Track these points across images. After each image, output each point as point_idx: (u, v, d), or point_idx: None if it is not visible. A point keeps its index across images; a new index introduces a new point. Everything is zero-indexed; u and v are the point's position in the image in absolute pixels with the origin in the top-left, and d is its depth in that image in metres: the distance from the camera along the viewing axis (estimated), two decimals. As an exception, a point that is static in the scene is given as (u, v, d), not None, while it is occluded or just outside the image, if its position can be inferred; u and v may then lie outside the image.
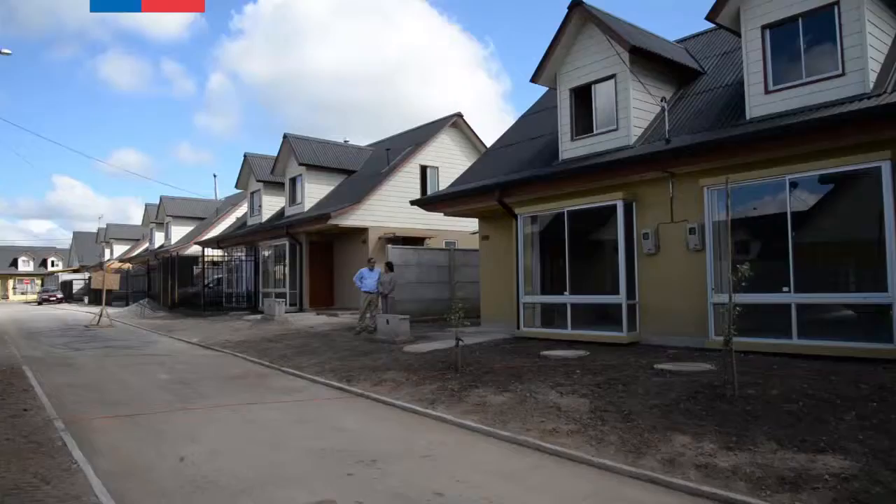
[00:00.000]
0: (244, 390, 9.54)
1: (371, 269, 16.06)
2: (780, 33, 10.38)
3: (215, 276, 30.13)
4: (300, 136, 25.94)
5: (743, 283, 6.97)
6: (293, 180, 25.70)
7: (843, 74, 9.50)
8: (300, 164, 24.70)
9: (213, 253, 30.27)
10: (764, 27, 10.48)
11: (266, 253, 25.88)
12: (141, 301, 31.61)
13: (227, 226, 36.29)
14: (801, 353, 8.88)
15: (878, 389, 6.78)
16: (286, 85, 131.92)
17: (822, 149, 9.04)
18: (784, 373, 7.86)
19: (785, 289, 9.23)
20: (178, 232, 40.97)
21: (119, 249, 55.30)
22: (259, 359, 12.64)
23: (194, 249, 33.46)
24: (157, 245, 43.15)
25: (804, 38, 10.12)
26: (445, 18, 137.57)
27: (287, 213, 25.74)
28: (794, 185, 9.44)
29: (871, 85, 9.23)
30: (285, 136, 25.27)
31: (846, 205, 10.01)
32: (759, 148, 9.57)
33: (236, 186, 30.40)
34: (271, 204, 27.79)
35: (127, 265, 42.95)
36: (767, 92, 10.37)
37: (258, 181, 27.62)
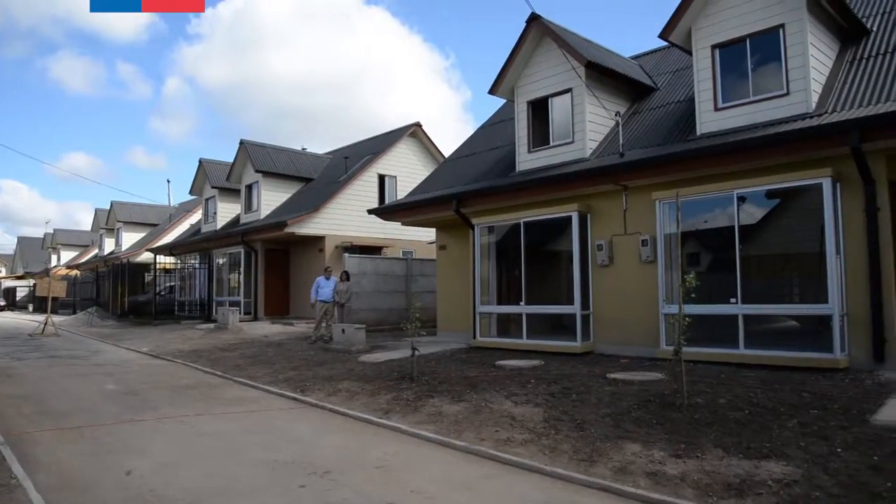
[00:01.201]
0: (195, 401, 9.36)
1: (327, 278, 15.97)
2: (729, 53, 10.73)
3: (168, 284, 29.49)
4: (257, 143, 25.67)
5: (692, 295, 7.17)
6: (249, 187, 25.38)
7: (787, 94, 9.87)
8: (257, 171, 24.42)
9: (166, 260, 29.62)
10: (714, 46, 10.82)
11: (221, 261, 25.46)
12: (89, 309, 30.67)
13: (180, 232, 35.56)
14: (748, 362, 9.14)
15: (819, 398, 7.03)
16: (244, 90, 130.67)
17: (767, 165, 9.37)
18: (731, 382, 8.08)
19: (732, 300, 9.50)
20: (130, 238, 39.95)
21: (67, 255, 53.58)
22: (211, 369, 12.42)
23: (146, 256, 32.68)
24: (107, 251, 41.95)
25: (752, 58, 10.48)
26: (407, 28, 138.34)
27: (243, 221, 25.39)
28: (741, 199, 9.74)
29: (814, 105, 9.61)
30: (242, 143, 24.98)
31: (791, 219, 10.37)
32: (708, 163, 9.86)
33: (191, 192, 29.85)
34: (226, 211, 27.36)
35: (75, 272, 41.67)
36: (717, 109, 10.70)
37: (213, 187, 27.18)
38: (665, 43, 12.08)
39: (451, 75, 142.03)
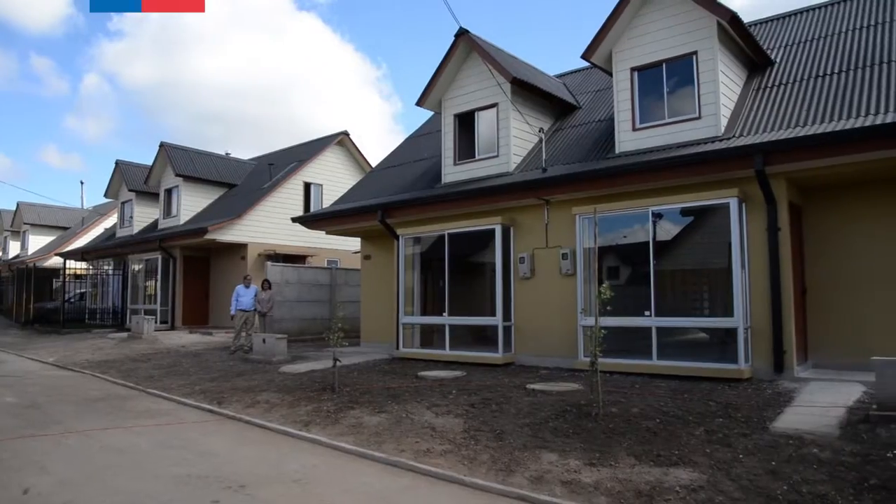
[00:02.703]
0: (104, 414, 8.95)
1: (247, 287, 15.61)
2: (647, 76, 11.21)
3: (78, 291, 28.12)
4: (178, 146, 24.88)
5: (608, 308, 7.41)
6: (169, 191, 24.56)
7: (699, 118, 10.39)
8: (177, 175, 23.66)
9: (77, 265, 28.25)
10: (633, 69, 11.27)
11: (136, 267, 24.49)
12: (-11, 317, 28.89)
13: (93, 237, 34.00)
14: (661, 372, 9.51)
15: (724, 406, 7.39)
16: (169, 92, 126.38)
17: (680, 184, 9.82)
18: (644, 391, 8.40)
19: (647, 313, 9.88)
20: (38, 241, 37.88)
21: (-36, 259, 50.29)
22: (123, 380, 11.90)
23: (55, 261, 31.08)
24: (11, 255, 39.63)
25: (668, 82, 10.98)
26: (339, 37, 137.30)
27: (161, 226, 24.52)
28: (657, 216, 10.16)
29: (723, 129, 10.16)
30: (162, 145, 24.16)
31: (702, 236, 10.88)
32: (626, 181, 10.25)
33: (106, 195, 28.61)
34: (144, 215, 26.35)
35: (-27, 277, 39.09)
36: (635, 129, 11.14)
37: (130, 190, 26.13)
38: (588, 63, 12.48)
39: (382, 85, 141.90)
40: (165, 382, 11.34)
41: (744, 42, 11.03)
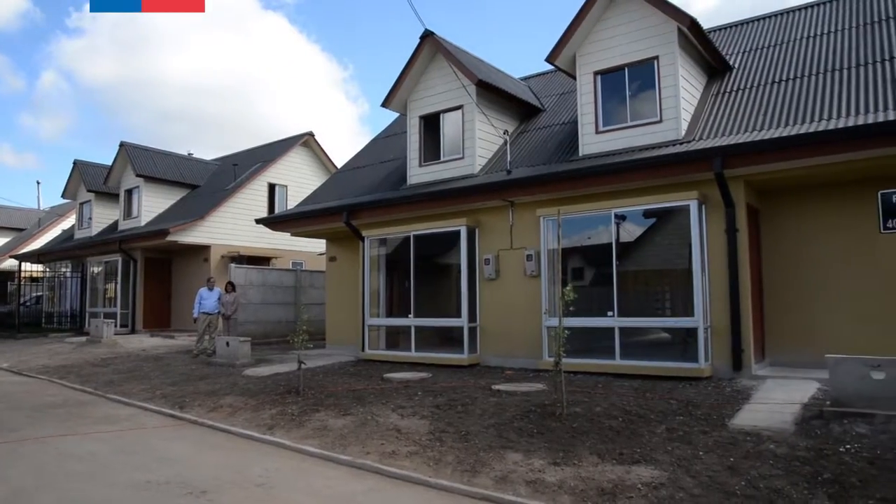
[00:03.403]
0: (61, 421, 8.73)
1: (210, 289, 15.40)
2: (610, 79, 11.37)
3: (34, 294, 27.37)
4: (138, 145, 24.43)
5: (571, 308, 7.49)
6: (129, 192, 24.09)
7: (660, 121, 10.58)
8: (138, 175, 23.23)
9: (33, 268, 27.51)
10: (596, 73, 11.43)
11: (96, 269, 23.97)
12: (-62, 322, 27.93)
13: (50, 238, 33.14)
14: (624, 372, 9.65)
15: (685, 404, 7.53)
16: (130, 90, 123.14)
17: (642, 186, 9.98)
18: (608, 391, 8.51)
19: (610, 313, 10.02)
20: (-10, 244, 36.78)
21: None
22: (81, 385, 11.63)
23: (10, 263, 30.23)
24: (-39, 258, 38.40)
25: (630, 86, 11.16)
26: (305, 37, 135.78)
27: (121, 227, 24.03)
28: (620, 217, 10.31)
29: (684, 132, 10.36)
30: (122, 144, 23.69)
31: (664, 237, 11.07)
32: (589, 183, 10.38)
33: (63, 196, 27.92)
34: (103, 216, 25.79)
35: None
36: (598, 132, 11.29)
37: (89, 191, 25.57)
38: (552, 66, 12.61)
39: (349, 87, 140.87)
40: (126, 387, 11.11)
41: (703, 48, 11.27)
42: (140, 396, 10.29)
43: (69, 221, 31.82)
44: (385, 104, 14.12)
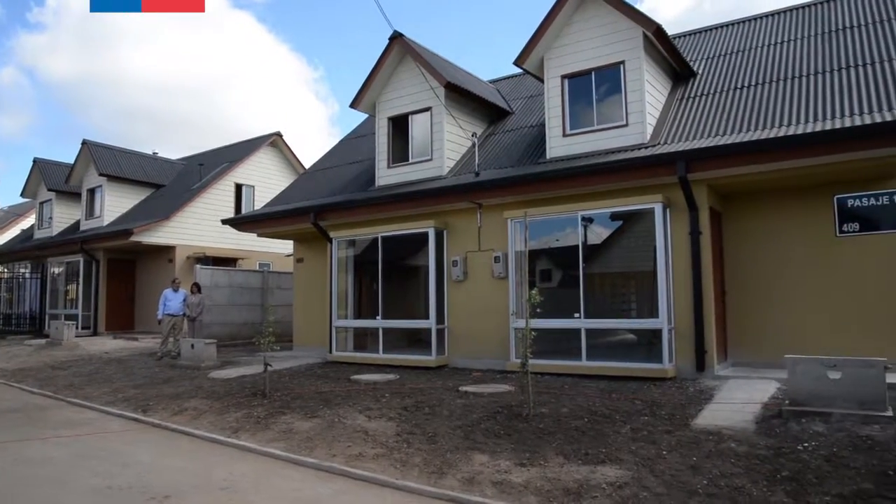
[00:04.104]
0: (19, 425, 8.50)
1: (175, 291, 15.15)
2: (577, 83, 11.49)
3: (-10, 296, 26.63)
4: (102, 144, 23.98)
5: (538, 310, 7.55)
6: (92, 191, 23.61)
7: (626, 125, 10.72)
8: (101, 175, 22.79)
9: (-10, 269, 26.77)
10: (564, 76, 11.53)
11: (56, 270, 23.43)
12: None
13: (9, 238, 32.30)
14: (590, 373, 9.75)
15: (649, 405, 7.64)
16: (94, 88, 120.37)
17: (609, 189, 10.11)
18: (574, 392, 8.59)
19: (576, 315, 10.11)
20: (-56, 244, 35.70)
21: None
22: (40, 389, 11.34)
23: (-36, 264, 29.36)
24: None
25: (597, 90, 11.29)
26: (274, 36, 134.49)
27: (83, 227, 23.53)
28: (587, 220, 10.41)
29: (649, 136, 10.52)
30: (84, 143, 23.23)
31: (630, 240, 11.21)
32: (556, 186, 10.46)
33: (22, 195, 27.28)
34: (65, 216, 25.25)
35: None
36: (565, 135, 11.39)
37: (50, 190, 25.01)
38: (520, 70, 12.70)
39: (319, 87, 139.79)
40: (87, 391, 10.88)
41: (668, 53, 11.45)
42: (102, 400, 10.08)
43: (29, 221, 31.07)
44: (354, 105, 14.06)
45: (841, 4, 12.73)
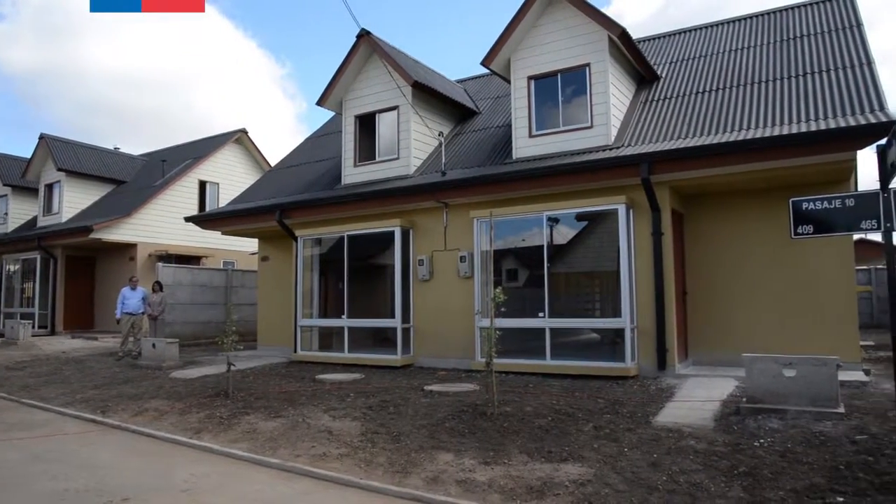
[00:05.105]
0: (-30, 427, 8.27)
1: (133, 289, 14.86)
2: (544, 85, 11.59)
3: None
4: (60, 138, 23.39)
5: (502, 309, 7.60)
6: (50, 187, 23.02)
7: (591, 127, 10.85)
8: (59, 169, 22.22)
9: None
10: (530, 77, 11.62)
11: (11, 268, 22.82)
12: None
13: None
14: (554, 372, 9.85)
15: (611, 403, 7.75)
16: (55, 80, 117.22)
17: (574, 190, 10.23)
18: (538, 390, 8.67)
19: (541, 314, 10.20)
20: None
21: None
22: (-8, 390, 11.03)
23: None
24: None
25: (563, 92, 11.40)
26: (241, 32, 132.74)
27: (40, 224, 22.92)
28: (552, 220, 10.51)
29: (613, 138, 10.66)
30: (42, 136, 22.64)
31: (595, 240, 11.35)
32: (522, 186, 10.55)
33: (-25, 190, 26.46)
34: (21, 212, 24.60)
35: None
36: (531, 136, 11.48)
37: (6, 185, 24.38)
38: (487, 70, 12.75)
39: (286, 84, 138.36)
40: (43, 391, 10.61)
41: (633, 57, 11.62)
42: (59, 401, 9.84)
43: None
44: (320, 103, 13.97)
45: (797, 14, 13.08)
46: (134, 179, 24.37)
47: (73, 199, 22.64)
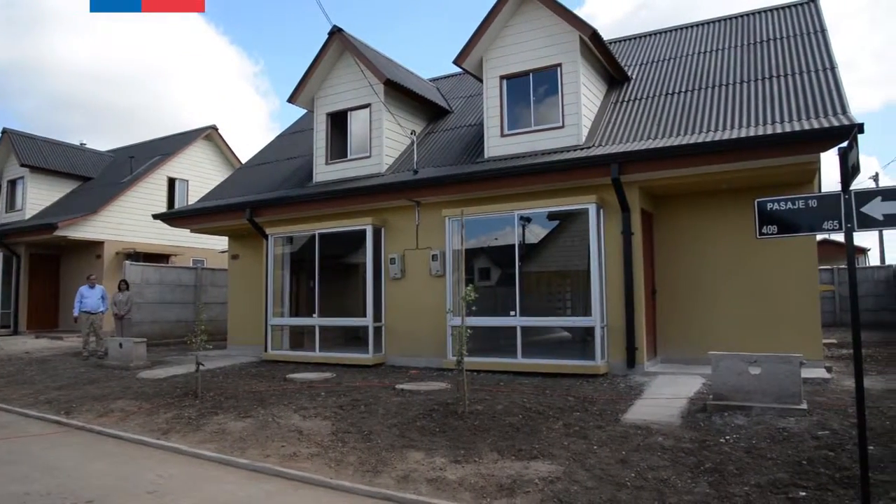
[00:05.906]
0: (-72, 429, 8.05)
1: (91, 287, 14.56)
2: (516, 84, 11.64)
3: None
4: (24, 133, 22.90)
5: (474, 308, 7.62)
6: (13, 183, 22.53)
7: (563, 127, 10.93)
8: (22, 165, 21.76)
9: None
10: (502, 77, 11.67)
11: (-29, 266, 22.19)
12: None
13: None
14: (525, 370, 9.90)
15: (581, 401, 7.82)
16: (21, 74, 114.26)
17: (545, 189, 10.29)
18: (509, 389, 8.70)
19: (512, 313, 10.25)
20: None
21: None
22: (-48, 391, 10.75)
23: None
24: None
25: (535, 92, 11.46)
26: (213, 28, 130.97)
27: (2, 221, 22.40)
28: (524, 219, 10.57)
29: (584, 138, 10.75)
30: (5, 131, 22.17)
31: (566, 240, 11.44)
32: (494, 185, 10.58)
33: (-65, 186, 25.72)
34: (-18, 209, 24.00)
35: None
36: (503, 135, 11.52)
37: (-35, 181, 23.71)
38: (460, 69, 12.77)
39: (259, 81, 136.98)
40: (5, 392, 10.37)
41: (604, 58, 11.73)
42: (21, 402, 9.63)
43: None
44: (291, 100, 13.85)
45: (764, 18, 13.31)
46: (101, 176, 23.93)
47: (37, 196, 22.18)
